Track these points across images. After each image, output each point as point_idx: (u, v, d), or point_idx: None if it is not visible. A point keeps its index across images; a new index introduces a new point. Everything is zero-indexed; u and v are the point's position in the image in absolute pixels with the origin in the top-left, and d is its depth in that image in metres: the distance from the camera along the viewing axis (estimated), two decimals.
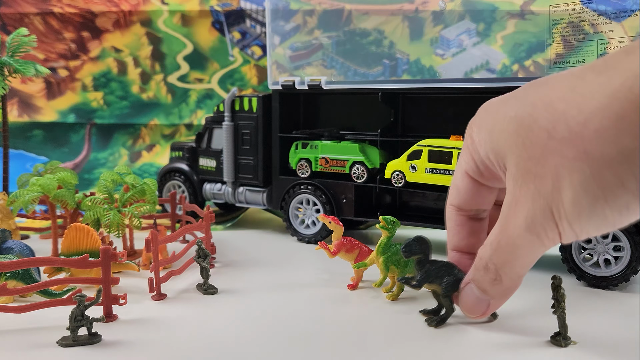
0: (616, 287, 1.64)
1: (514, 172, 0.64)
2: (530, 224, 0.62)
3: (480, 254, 0.73)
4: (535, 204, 0.60)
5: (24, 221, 2.34)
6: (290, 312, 1.47)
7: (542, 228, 0.62)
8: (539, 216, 0.61)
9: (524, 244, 0.65)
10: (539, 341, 1.27)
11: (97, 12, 3.05)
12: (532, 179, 0.60)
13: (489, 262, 0.70)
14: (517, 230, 0.63)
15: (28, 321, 1.36)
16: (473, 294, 0.79)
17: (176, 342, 1.28)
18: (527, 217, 0.62)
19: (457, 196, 0.80)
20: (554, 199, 0.59)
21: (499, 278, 0.71)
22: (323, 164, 2.17)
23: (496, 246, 0.67)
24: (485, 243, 0.74)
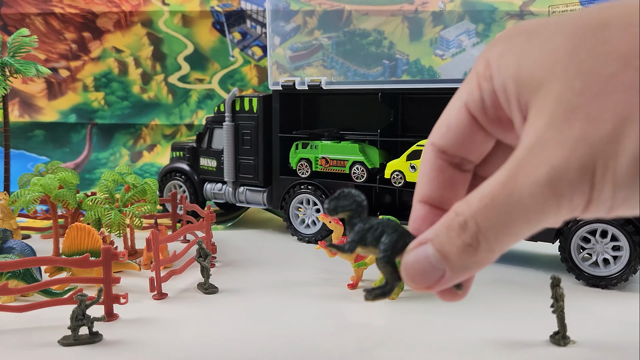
0: (615, 287, 1.64)
1: (552, 107, 0.46)
2: (555, 179, 0.44)
3: (457, 209, 0.50)
4: (575, 152, 0.43)
5: (25, 221, 2.35)
6: (290, 311, 1.47)
7: (569, 187, 0.43)
8: (573, 169, 0.43)
9: (532, 205, 0.45)
10: (539, 340, 1.27)
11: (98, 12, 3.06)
12: (580, 118, 0.44)
13: (470, 220, 0.48)
14: (530, 184, 0.44)
15: (29, 320, 1.36)
16: (426, 257, 0.52)
17: (177, 341, 1.28)
18: (554, 168, 0.44)
19: (445, 133, 0.57)
20: (606, 150, 0.42)
21: (475, 244, 0.48)
22: (323, 164, 2.17)
23: (488, 201, 0.47)
24: (469, 196, 0.50)
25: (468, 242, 0.50)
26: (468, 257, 0.50)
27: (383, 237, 0.55)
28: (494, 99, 0.53)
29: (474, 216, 0.48)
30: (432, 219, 0.58)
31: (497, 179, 0.48)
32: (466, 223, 0.49)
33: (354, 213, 0.57)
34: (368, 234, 0.55)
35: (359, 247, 0.56)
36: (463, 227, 0.49)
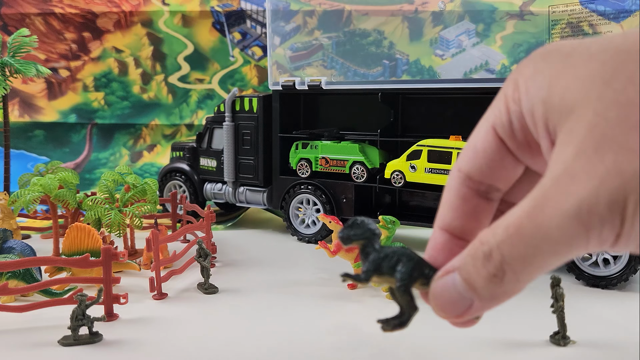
0: (615, 287, 1.64)
1: (582, 135, 0.43)
2: (584, 212, 0.41)
3: (483, 238, 0.47)
4: (605, 184, 0.40)
5: (25, 221, 2.35)
6: (290, 311, 1.47)
7: (599, 221, 0.41)
8: (603, 203, 0.41)
9: (560, 238, 0.43)
10: (538, 340, 1.27)
11: (98, 12, 3.06)
12: (613, 149, 0.41)
13: (495, 250, 0.45)
14: (558, 216, 0.42)
15: (29, 320, 1.36)
16: (454, 287, 0.50)
17: (177, 341, 1.28)
18: (583, 201, 0.41)
19: (472, 159, 0.54)
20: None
21: (501, 275, 0.46)
22: (323, 164, 2.17)
23: (514, 232, 0.44)
24: (495, 225, 0.47)
25: (493, 272, 0.48)
26: (494, 287, 0.48)
27: (399, 265, 0.54)
28: (523, 123, 0.51)
29: (499, 246, 0.46)
30: (452, 248, 0.57)
31: (524, 208, 0.45)
32: (491, 253, 0.47)
33: (368, 242, 0.56)
34: (384, 263, 0.54)
35: (374, 276, 0.55)
36: (488, 257, 0.47)
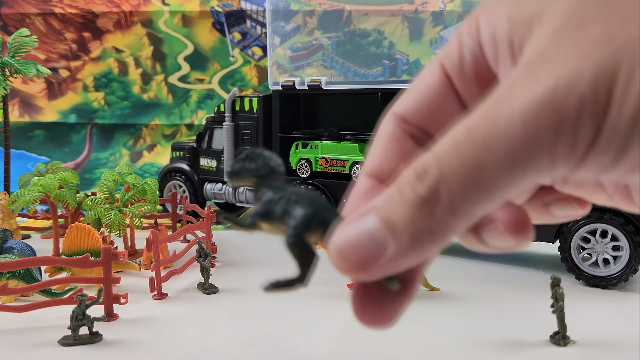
0: (615, 287, 1.64)
1: (561, 18, 0.33)
2: (559, 92, 0.30)
3: (420, 158, 0.34)
4: (591, 56, 0.30)
5: (25, 221, 2.34)
6: (290, 311, 1.47)
7: (577, 103, 0.30)
8: (586, 78, 0.30)
9: (522, 135, 0.31)
10: (539, 340, 1.27)
11: (98, 12, 3.06)
12: (600, 19, 0.31)
13: (433, 166, 0.33)
14: (524, 104, 0.30)
15: (29, 320, 1.35)
16: (366, 227, 0.34)
17: (177, 341, 1.28)
18: (560, 80, 0.30)
19: (411, 98, 0.43)
20: (637, 50, 0.30)
21: (434, 199, 0.32)
22: (323, 164, 2.17)
23: (463, 136, 0.33)
24: (438, 142, 0.35)
25: (423, 195, 0.33)
26: (420, 220, 0.33)
27: (295, 210, 0.40)
28: (476, 54, 0.41)
29: (438, 160, 0.33)
30: (378, 194, 0.39)
31: (480, 108, 0.32)
32: (426, 170, 0.33)
33: (263, 180, 0.42)
34: (277, 206, 0.40)
35: (263, 222, 0.41)
36: (421, 176, 0.33)
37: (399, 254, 0.33)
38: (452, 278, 1.72)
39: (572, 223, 1.69)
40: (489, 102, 0.31)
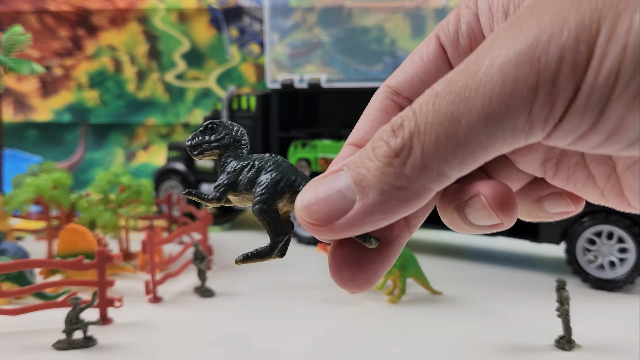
0: (621, 289, 1.63)
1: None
2: (540, 42, 0.28)
3: (395, 117, 0.34)
4: (574, 7, 0.28)
5: (19, 222, 2.32)
6: (288, 315, 1.45)
7: (557, 54, 0.28)
8: (567, 29, 0.28)
9: (500, 87, 0.28)
10: (544, 344, 1.26)
11: (93, 9, 3.03)
12: None
13: (409, 118, 0.31)
14: (504, 56, 0.29)
15: (23, 324, 1.34)
16: (335, 184, 0.34)
17: (172, 345, 1.26)
18: (542, 30, 0.28)
19: (405, 70, 0.42)
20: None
21: (405, 153, 0.31)
22: (323, 164, 2.15)
23: (440, 89, 0.30)
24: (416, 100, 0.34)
25: (396, 148, 0.31)
26: (390, 175, 0.31)
27: (260, 176, 0.38)
28: (472, 27, 0.41)
29: (415, 112, 0.31)
30: None
31: (463, 62, 0.31)
32: (402, 123, 0.31)
33: (226, 152, 0.40)
34: (241, 175, 0.39)
35: (230, 193, 0.39)
36: (396, 128, 0.31)
37: (366, 211, 0.31)
38: (455, 281, 1.72)
39: (577, 224, 1.67)
40: (472, 54, 0.30)
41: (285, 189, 0.37)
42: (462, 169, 0.30)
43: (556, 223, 1.72)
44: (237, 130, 0.40)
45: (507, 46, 0.28)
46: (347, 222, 0.32)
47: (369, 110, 0.42)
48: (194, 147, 0.40)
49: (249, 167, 0.39)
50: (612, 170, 0.38)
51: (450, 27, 0.41)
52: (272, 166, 0.38)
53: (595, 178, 0.39)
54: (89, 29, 3.06)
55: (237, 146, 0.40)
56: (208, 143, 0.40)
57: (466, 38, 0.41)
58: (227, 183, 0.39)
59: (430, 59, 0.41)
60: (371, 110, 0.42)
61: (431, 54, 0.41)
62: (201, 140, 0.40)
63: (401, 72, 0.42)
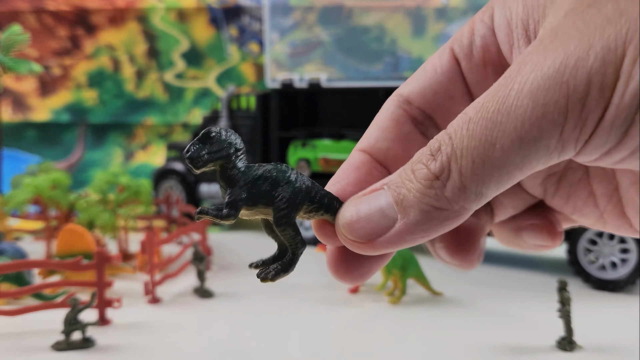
0: (622, 290, 1.63)
1: (573, 1, 0.32)
2: (568, 67, 0.29)
3: (431, 140, 0.36)
4: (601, 33, 0.29)
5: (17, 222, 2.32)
6: (288, 315, 1.45)
7: (585, 78, 0.29)
8: (594, 54, 0.29)
9: (531, 111, 0.30)
10: (545, 345, 1.25)
11: (92, 9, 3.03)
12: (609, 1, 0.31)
13: (446, 142, 0.34)
14: (532, 80, 0.30)
15: (22, 324, 1.34)
16: (376, 202, 0.36)
17: (171, 346, 1.26)
18: (570, 55, 0.30)
19: (417, 80, 0.44)
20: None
21: (445, 176, 0.33)
22: (323, 164, 2.15)
23: (473, 114, 0.32)
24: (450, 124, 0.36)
25: (435, 171, 0.33)
26: (431, 197, 0.33)
27: (277, 189, 0.38)
28: (487, 40, 0.41)
29: (451, 136, 0.33)
30: (370, 170, 0.42)
31: (494, 86, 0.32)
32: (439, 147, 0.33)
33: (228, 162, 0.38)
34: (255, 188, 0.38)
35: (246, 208, 0.38)
36: (434, 152, 0.33)
37: (408, 229, 0.33)
38: (456, 282, 1.71)
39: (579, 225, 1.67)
40: (501, 79, 0.31)
41: (303, 201, 0.38)
42: (498, 188, 0.32)
43: None
44: (236, 138, 0.39)
45: (535, 70, 0.29)
46: (389, 239, 0.34)
47: (380, 118, 0.44)
48: (195, 159, 0.38)
49: (262, 180, 0.38)
50: (615, 189, 0.39)
51: (464, 39, 0.42)
52: (286, 177, 0.38)
53: (596, 197, 0.41)
54: (87, 29, 3.06)
55: (238, 155, 0.39)
56: (209, 154, 0.38)
57: (480, 51, 0.41)
58: (244, 198, 0.38)
59: (443, 70, 0.42)
60: (382, 119, 0.43)
61: (444, 65, 0.42)
62: (203, 152, 0.38)
63: (413, 81, 0.43)
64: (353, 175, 0.41)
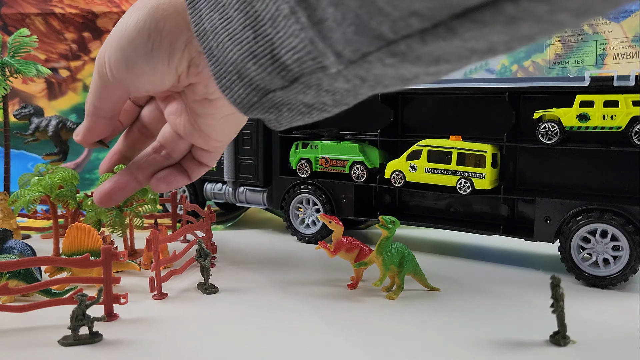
0: (615, 287, 1.65)
1: None
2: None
3: None
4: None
5: (25, 221, 2.35)
6: (290, 311, 1.47)
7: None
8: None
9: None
10: (538, 340, 1.28)
11: (98, 12, 3.06)
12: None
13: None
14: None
15: (29, 320, 1.36)
16: None
17: (177, 341, 1.28)
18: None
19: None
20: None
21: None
22: (323, 164, 2.17)
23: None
24: None
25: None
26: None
27: None
28: None
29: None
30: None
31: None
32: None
33: None
34: None
35: None
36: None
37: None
38: (452, 278, 1.73)
39: (572, 223, 1.69)
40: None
41: None
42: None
43: (551, 222, 1.75)
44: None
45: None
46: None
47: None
48: None
49: None
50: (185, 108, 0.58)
51: None
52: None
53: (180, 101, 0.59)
54: (94, 32, 3.09)
55: None
56: None
57: None
58: None
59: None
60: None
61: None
62: None
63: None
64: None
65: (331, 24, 0.34)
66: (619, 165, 1.74)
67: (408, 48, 0.33)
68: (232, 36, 0.42)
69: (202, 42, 0.45)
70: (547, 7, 0.28)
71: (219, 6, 0.43)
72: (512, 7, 0.28)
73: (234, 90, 0.44)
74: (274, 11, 0.38)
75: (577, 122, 1.69)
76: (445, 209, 2.10)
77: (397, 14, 0.31)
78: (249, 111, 0.45)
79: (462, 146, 1.86)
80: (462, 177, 1.86)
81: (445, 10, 0.30)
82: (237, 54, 0.42)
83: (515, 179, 1.93)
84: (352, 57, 0.35)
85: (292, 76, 0.40)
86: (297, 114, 0.45)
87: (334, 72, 0.37)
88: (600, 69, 2.28)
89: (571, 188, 1.83)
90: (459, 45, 0.32)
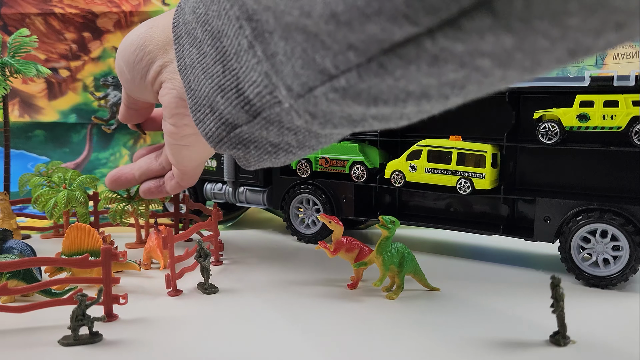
0: (615, 287, 1.65)
1: None
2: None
3: None
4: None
5: (25, 221, 2.35)
6: (289, 311, 1.47)
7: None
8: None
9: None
10: (538, 340, 1.28)
11: (98, 12, 3.06)
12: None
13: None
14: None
15: (29, 321, 1.36)
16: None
17: (177, 341, 1.28)
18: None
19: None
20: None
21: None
22: (323, 164, 2.17)
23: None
24: None
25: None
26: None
27: None
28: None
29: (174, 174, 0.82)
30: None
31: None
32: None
33: None
34: None
35: None
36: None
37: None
38: (452, 278, 1.73)
39: (572, 223, 1.69)
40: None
41: None
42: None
43: (551, 222, 1.74)
44: None
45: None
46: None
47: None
48: None
49: None
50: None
51: None
52: None
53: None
54: (94, 32, 3.09)
55: None
56: None
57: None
58: None
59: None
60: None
61: None
62: None
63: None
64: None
65: (282, 58, 0.36)
66: (619, 165, 1.74)
67: (347, 83, 0.34)
68: (205, 70, 0.45)
69: (183, 76, 0.47)
70: (463, 47, 0.29)
71: (197, 42, 0.45)
72: (430, 43, 0.30)
73: (206, 124, 0.46)
74: (236, 46, 0.40)
75: (577, 122, 1.69)
76: (445, 209, 2.10)
77: (337, 47, 0.33)
78: (218, 145, 0.47)
79: (462, 146, 1.86)
80: (462, 177, 1.86)
81: (375, 45, 0.32)
82: (208, 87, 0.44)
83: (515, 179, 1.93)
84: (300, 91, 0.37)
85: (255, 110, 0.42)
86: (264, 153, 0.46)
87: (287, 107, 0.39)
88: (600, 69, 2.28)
89: (571, 188, 1.83)
90: (392, 84, 0.34)
